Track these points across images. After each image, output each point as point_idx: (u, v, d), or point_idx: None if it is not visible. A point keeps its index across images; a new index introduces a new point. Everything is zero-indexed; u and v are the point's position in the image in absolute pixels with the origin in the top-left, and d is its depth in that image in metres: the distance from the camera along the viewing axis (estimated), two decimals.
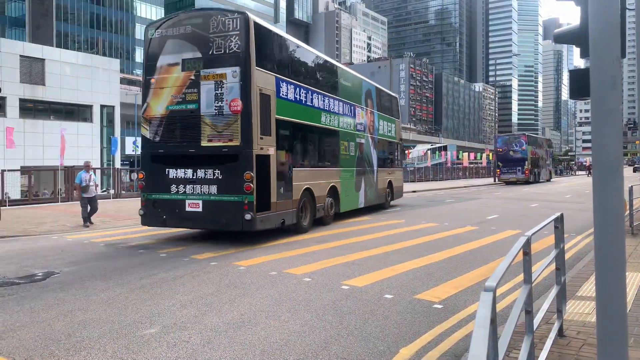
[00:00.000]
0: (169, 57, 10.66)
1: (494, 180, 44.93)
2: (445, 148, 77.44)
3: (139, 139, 12.54)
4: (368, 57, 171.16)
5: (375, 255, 9.05)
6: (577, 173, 64.66)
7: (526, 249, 3.35)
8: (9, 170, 21.98)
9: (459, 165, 65.37)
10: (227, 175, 10.07)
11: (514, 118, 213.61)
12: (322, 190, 13.24)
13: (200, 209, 10.27)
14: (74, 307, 5.88)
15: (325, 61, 14.75)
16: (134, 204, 21.50)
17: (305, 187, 12.22)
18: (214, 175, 10.23)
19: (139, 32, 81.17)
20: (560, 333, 4.48)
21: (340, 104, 14.78)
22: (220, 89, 10.11)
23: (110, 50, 74.15)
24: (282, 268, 7.89)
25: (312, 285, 6.81)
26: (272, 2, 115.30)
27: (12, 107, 33.06)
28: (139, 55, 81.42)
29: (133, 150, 45.64)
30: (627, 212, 10.87)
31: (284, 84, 11.49)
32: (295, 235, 11.50)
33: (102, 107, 38.47)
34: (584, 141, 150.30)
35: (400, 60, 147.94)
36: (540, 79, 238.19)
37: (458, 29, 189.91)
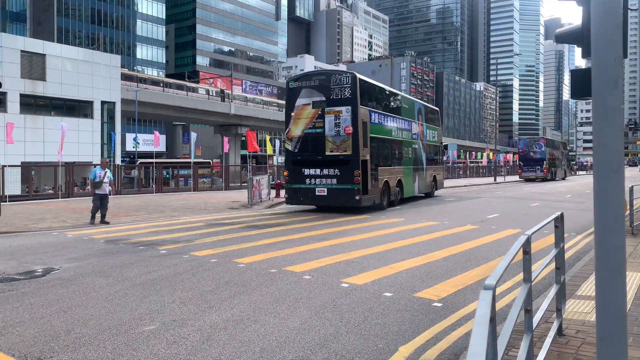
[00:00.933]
0: (304, 100, 16.57)
1: (494, 180, 45.93)
2: (445, 147, 77.20)
3: (140, 136, 16.67)
4: (369, 55, 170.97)
5: (375, 253, 9.06)
6: (577, 173, 64.58)
7: (526, 248, 3.35)
8: (9, 166, 21.97)
9: (460, 165, 65.35)
10: (343, 172, 15.92)
11: (515, 118, 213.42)
12: (394, 182, 18.91)
13: (325, 194, 16.24)
14: (74, 304, 5.89)
15: (395, 93, 21.46)
16: (134, 201, 21.52)
17: (385, 180, 17.94)
18: (334, 172, 16.10)
19: (140, 28, 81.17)
20: (560, 332, 4.48)
21: (403, 121, 20.70)
22: (338, 120, 16.08)
23: (111, 46, 74.06)
24: (282, 265, 7.90)
25: (311, 283, 6.81)
26: (273, 0, 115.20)
27: (13, 103, 33.02)
28: (140, 52, 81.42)
29: (134, 147, 45.67)
30: (628, 212, 10.87)
31: (374, 113, 17.38)
32: (364, 213, 16.39)
33: (103, 103, 38.42)
34: (585, 141, 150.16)
35: (401, 58, 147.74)
36: (541, 78, 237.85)
37: (459, 28, 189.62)
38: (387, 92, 20.33)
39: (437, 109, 27.98)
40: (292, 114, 16.80)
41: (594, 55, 1.99)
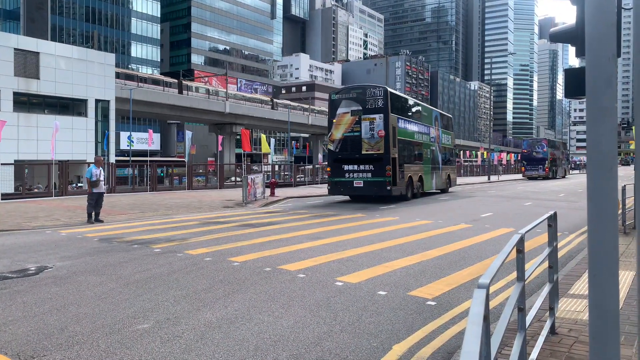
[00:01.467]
0: (344, 109, 20.02)
1: (488, 179, 46.75)
2: None
3: (135, 134, 16.91)
4: (364, 54, 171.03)
5: (369, 252, 9.07)
6: (570, 172, 65.02)
7: (519, 246, 3.36)
8: (2, 164, 21.84)
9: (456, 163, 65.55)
10: (376, 168, 19.28)
11: (509, 117, 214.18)
12: (416, 178, 22.26)
13: (362, 185, 19.51)
14: (67, 302, 5.86)
15: (417, 103, 25.24)
16: (128, 199, 21.45)
17: (409, 175, 21.31)
18: (369, 168, 19.47)
19: (135, 26, 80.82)
20: (552, 331, 4.50)
21: (423, 126, 24.12)
22: (372, 125, 19.44)
23: (105, 45, 73.71)
24: (276, 264, 7.89)
25: (306, 282, 6.81)
26: None
27: (6, 101, 32.82)
28: (135, 50, 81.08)
29: (128, 145, 45.48)
30: (620, 211, 10.94)
31: (400, 120, 20.81)
32: (389, 204, 19.31)
33: (97, 101, 38.24)
34: (578, 140, 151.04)
35: (396, 57, 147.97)
36: (535, 78, 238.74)
37: (454, 27, 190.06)
38: (411, 102, 24.39)
39: (450, 116, 31.39)
40: (334, 120, 20.28)
41: (588, 54, 2.00)
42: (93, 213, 13.75)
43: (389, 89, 19.94)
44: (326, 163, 24.86)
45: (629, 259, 7.84)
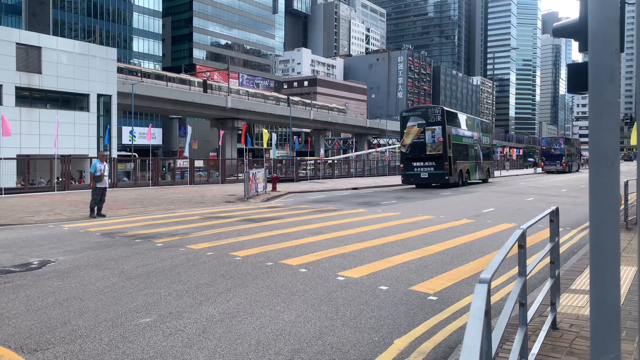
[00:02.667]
0: (412, 122, 27.14)
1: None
2: None
3: (136, 129, 17.15)
4: (366, 49, 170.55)
5: (371, 246, 9.08)
6: (584, 166, 65.22)
7: (521, 242, 3.36)
8: (4, 159, 21.87)
9: None
10: (437, 164, 26.07)
11: (512, 112, 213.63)
12: (465, 170, 29.35)
13: (427, 176, 26.30)
14: (70, 296, 5.89)
15: (464, 115, 33.00)
16: (130, 194, 21.48)
17: (459, 169, 28.33)
18: (431, 164, 26.34)
19: (137, 20, 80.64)
20: (554, 326, 4.51)
21: (469, 132, 31.39)
22: (433, 134, 26.37)
23: (107, 39, 73.58)
24: (278, 259, 7.91)
25: (307, 276, 6.83)
26: None
27: (9, 95, 32.84)
28: (137, 44, 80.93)
29: (130, 140, 45.52)
30: (622, 206, 10.91)
31: (453, 129, 27.82)
32: (449, 189, 26.02)
33: (99, 96, 38.23)
34: (581, 135, 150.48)
35: (398, 52, 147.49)
36: (538, 73, 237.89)
37: (457, 22, 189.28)
38: (461, 115, 31.99)
39: (488, 121, 41.57)
40: (405, 131, 27.84)
41: (591, 49, 1.99)
42: (96, 208, 13.76)
43: (445, 108, 27.96)
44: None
45: (630, 255, 7.83)
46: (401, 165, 28.53)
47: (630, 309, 5.04)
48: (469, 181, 30.40)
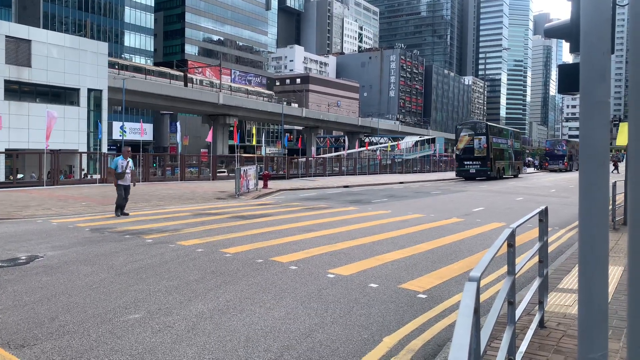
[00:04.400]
0: (464, 133, 37.66)
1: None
2: (433, 140, 77.80)
3: (127, 124, 16.04)
4: (359, 47, 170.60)
5: (361, 244, 9.10)
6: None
7: (510, 241, 3.38)
8: None
9: (446, 158, 66.23)
10: (482, 163, 36.07)
11: (502, 112, 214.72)
12: (501, 168, 38.47)
13: (474, 172, 36.20)
14: (58, 291, 5.84)
15: (502, 128, 45.09)
16: None
17: (497, 167, 37.64)
18: (478, 163, 36.24)
19: (129, 15, 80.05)
20: (541, 324, 4.55)
21: (504, 139, 40.59)
22: (479, 141, 36.43)
23: (98, 34, 72.97)
24: (268, 256, 7.90)
25: (298, 273, 6.83)
26: None
27: None
28: (128, 39, 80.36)
29: (120, 135, 45.20)
30: (610, 207, 11.02)
31: (494, 137, 37.86)
32: (490, 181, 34.23)
33: (90, 90, 37.96)
34: (571, 137, 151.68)
35: (391, 51, 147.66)
36: (529, 73, 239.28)
37: (449, 22, 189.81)
38: (500, 127, 44.66)
39: (519, 131, 54.22)
40: (458, 139, 37.73)
41: (583, 48, 2.00)
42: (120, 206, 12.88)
43: (488, 123, 41.32)
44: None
45: (618, 255, 7.91)
46: (455, 165, 39.37)
47: (617, 308, 5.09)
48: (504, 176, 39.32)
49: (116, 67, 59.64)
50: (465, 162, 36.75)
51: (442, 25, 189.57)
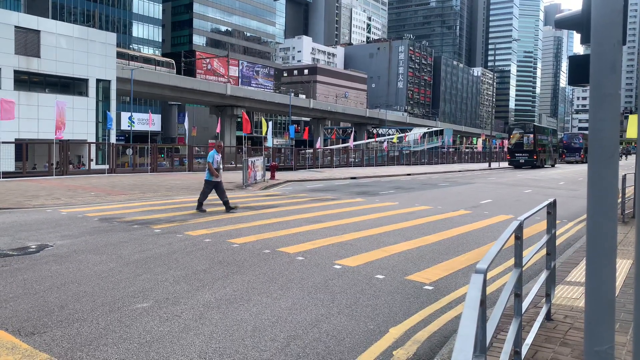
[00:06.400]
0: (515, 131, 49.08)
1: (489, 166, 47.64)
2: (441, 132, 77.43)
3: (135, 115, 16.03)
4: (367, 38, 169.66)
5: (368, 236, 9.10)
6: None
7: (518, 233, 3.37)
8: (3, 143, 21.81)
9: (454, 149, 66.04)
10: (530, 155, 46.54)
11: (512, 104, 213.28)
12: (544, 158, 48.99)
13: (524, 162, 46.75)
14: (67, 280, 5.90)
15: (544, 127, 61.99)
16: (128, 180, 21.47)
17: (541, 158, 47.91)
18: (527, 155, 46.70)
19: (137, 5, 79.96)
20: (548, 317, 4.54)
21: (546, 136, 51.22)
22: (528, 138, 46.94)
23: (107, 24, 72.98)
24: (275, 246, 7.93)
25: (304, 264, 6.85)
26: None
27: (7, 79, 32.68)
28: (136, 30, 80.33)
29: (129, 126, 45.36)
30: (619, 199, 10.94)
31: (538, 135, 48.06)
32: (533, 169, 43.95)
33: (98, 81, 38.07)
34: (580, 129, 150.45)
35: (399, 42, 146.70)
36: (539, 65, 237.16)
37: (459, 12, 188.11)
38: (543, 127, 56.14)
39: (556, 129, 63.46)
40: (510, 136, 48.35)
41: (593, 39, 1.98)
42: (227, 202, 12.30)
43: (535, 124, 53.40)
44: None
45: (626, 248, 7.87)
46: (507, 156, 50.22)
47: (624, 301, 5.08)
48: (545, 165, 48.75)
49: (126, 57, 59.67)
50: (516, 154, 47.06)
51: (451, 16, 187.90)
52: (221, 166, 12.89)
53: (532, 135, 46.14)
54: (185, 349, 4.02)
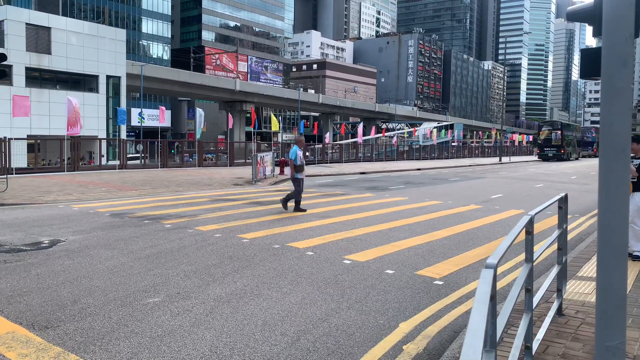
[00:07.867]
0: (545, 128, 55.58)
1: (499, 160, 47.75)
2: (452, 126, 77.01)
3: (145, 111, 16.03)
4: (377, 32, 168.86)
5: (377, 231, 9.10)
6: (581, 154, 65.02)
7: (529, 228, 3.35)
8: (15, 139, 22.03)
9: (464, 144, 65.64)
10: (557, 149, 53.26)
11: (522, 97, 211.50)
12: (569, 152, 55.33)
13: (552, 155, 53.03)
14: (80, 275, 5.97)
15: (569, 123, 72.25)
16: (139, 175, 21.60)
17: (567, 152, 54.42)
18: (555, 149, 53.32)
19: (146, 1, 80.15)
20: (559, 312, 4.52)
21: (570, 132, 58.08)
22: (556, 134, 53.62)
23: (116, 20, 73.30)
24: (285, 241, 7.96)
25: (314, 259, 6.87)
26: None
27: (19, 76, 32.97)
28: (145, 26, 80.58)
29: (139, 122, 45.64)
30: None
31: (565, 131, 55.16)
32: (559, 162, 48.44)
33: (108, 77, 38.30)
34: (592, 122, 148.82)
35: (409, 36, 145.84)
36: (550, 58, 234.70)
37: (469, 5, 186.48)
38: (569, 124, 63.01)
39: (579, 125, 68.49)
40: (540, 132, 55.04)
41: (605, 33, 1.96)
42: (293, 201, 11.69)
43: (562, 122, 59.92)
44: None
45: None
46: (537, 150, 56.25)
47: (636, 296, 5.04)
48: (570, 158, 54.06)
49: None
50: (545, 149, 53.12)
51: (461, 9, 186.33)
52: (304, 162, 12.16)
53: (559, 132, 52.27)
54: (196, 343, 4.06)
